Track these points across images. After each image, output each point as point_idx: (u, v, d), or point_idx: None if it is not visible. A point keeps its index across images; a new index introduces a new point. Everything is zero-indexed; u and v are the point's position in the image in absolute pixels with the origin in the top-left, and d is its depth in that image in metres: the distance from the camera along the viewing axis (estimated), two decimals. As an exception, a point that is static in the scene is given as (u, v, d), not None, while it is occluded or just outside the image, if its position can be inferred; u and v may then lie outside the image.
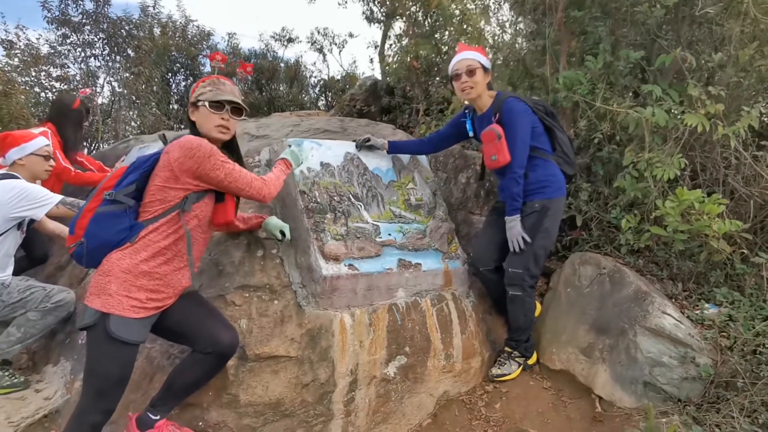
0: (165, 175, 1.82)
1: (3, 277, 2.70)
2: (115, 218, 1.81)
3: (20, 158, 2.78)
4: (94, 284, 1.79)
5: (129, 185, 1.84)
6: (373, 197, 2.75)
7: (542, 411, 2.43)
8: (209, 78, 1.99)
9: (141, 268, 1.80)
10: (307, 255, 2.39)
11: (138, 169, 1.87)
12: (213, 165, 1.83)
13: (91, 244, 1.82)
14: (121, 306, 1.76)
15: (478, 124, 2.77)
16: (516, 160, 2.52)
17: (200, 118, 1.96)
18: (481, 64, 2.63)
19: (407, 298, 2.60)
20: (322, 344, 2.25)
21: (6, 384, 2.65)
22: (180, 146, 1.80)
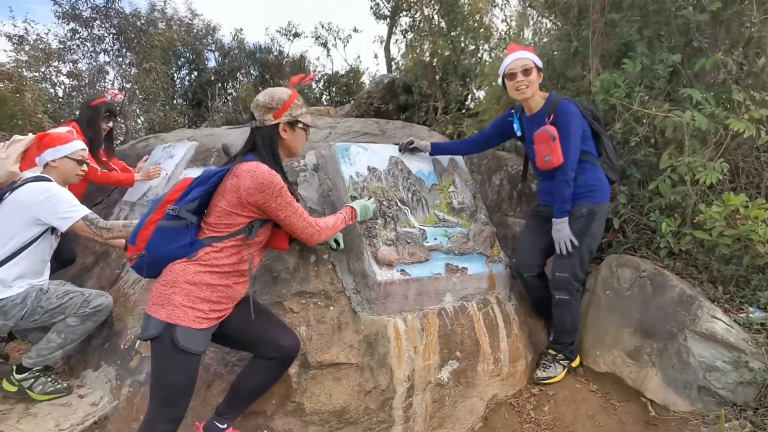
0: (232, 201, 1.82)
1: (40, 282, 2.66)
2: (177, 233, 1.82)
3: (53, 160, 2.72)
4: (157, 294, 1.79)
5: (192, 201, 1.84)
6: (417, 201, 2.74)
7: (592, 414, 2.45)
8: (297, 95, 2.00)
9: (204, 280, 1.81)
10: (360, 261, 2.39)
11: (202, 185, 1.86)
12: (278, 204, 1.84)
13: (151, 257, 1.83)
14: (186, 317, 1.76)
15: (527, 124, 2.76)
16: (569, 163, 2.53)
17: (294, 138, 2.00)
18: (535, 64, 2.63)
19: (454, 303, 2.61)
20: (380, 350, 2.25)
21: (50, 390, 2.62)
22: (252, 177, 1.80)
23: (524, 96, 2.67)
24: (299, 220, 1.92)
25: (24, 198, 2.54)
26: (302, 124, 1.99)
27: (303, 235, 1.97)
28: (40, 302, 2.56)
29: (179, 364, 1.78)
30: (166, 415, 1.81)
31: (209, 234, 1.85)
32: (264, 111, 1.94)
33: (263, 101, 1.94)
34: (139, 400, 2.42)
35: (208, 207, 1.88)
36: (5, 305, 2.49)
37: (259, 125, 1.96)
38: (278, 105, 1.94)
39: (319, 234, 2.00)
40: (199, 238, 1.84)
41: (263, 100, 1.95)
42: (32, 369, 2.62)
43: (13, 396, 2.62)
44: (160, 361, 1.80)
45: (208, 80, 9.07)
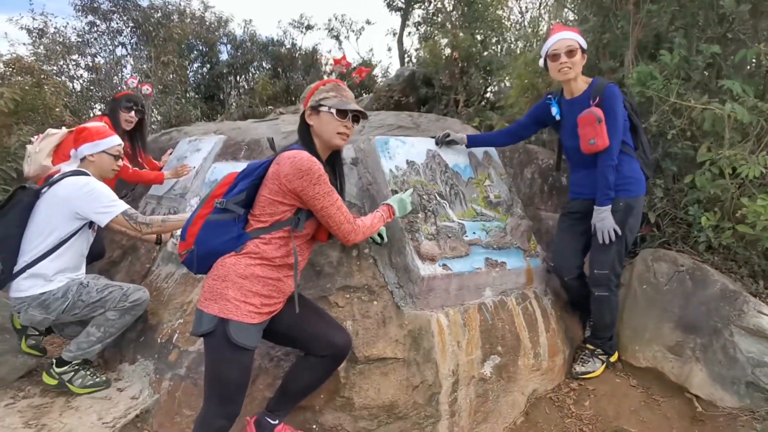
0: (274, 188, 1.79)
1: (79, 276, 2.67)
2: (225, 227, 1.82)
3: (91, 155, 2.71)
4: (209, 289, 1.78)
5: (239, 194, 1.83)
6: (455, 195, 2.72)
7: (635, 409, 2.44)
8: (329, 82, 1.94)
9: (255, 273, 1.79)
10: (402, 255, 2.38)
11: (248, 177, 1.85)
12: (316, 193, 1.78)
13: (200, 251, 1.83)
14: (238, 311, 1.74)
15: (567, 108, 2.70)
16: (614, 147, 2.48)
17: (321, 123, 1.89)
18: (580, 45, 2.56)
19: (494, 297, 2.60)
20: (425, 345, 2.24)
21: (89, 383, 2.63)
22: (292, 163, 1.76)
23: (567, 77, 2.62)
24: (337, 213, 1.84)
25: (63, 193, 2.53)
26: (326, 108, 1.87)
27: (340, 231, 1.88)
28: (80, 296, 2.57)
29: (233, 360, 1.76)
30: (222, 412, 1.80)
31: (256, 226, 1.82)
32: (301, 102, 1.96)
33: (305, 93, 1.96)
34: (181, 394, 2.43)
35: (255, 200, 1.86)
36: (47, 299, 2.50)
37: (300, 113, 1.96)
38: (306, 93, 1.94)
39: (356, 232, 1.91)
40: (246, 230, 1.83)
41: (305, 92, 1.96)
42: (72, 362, 2.63)
43: (53, 389, 2.63)
44: (215, 357, 1.78)
45: (220, 73, 9.04)
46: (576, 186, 2.84)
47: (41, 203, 2.56)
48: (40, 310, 2.51)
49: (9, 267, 2.49)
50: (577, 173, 2.81)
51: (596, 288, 2.64)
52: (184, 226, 1.88)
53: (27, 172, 3.32)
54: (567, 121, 2.69)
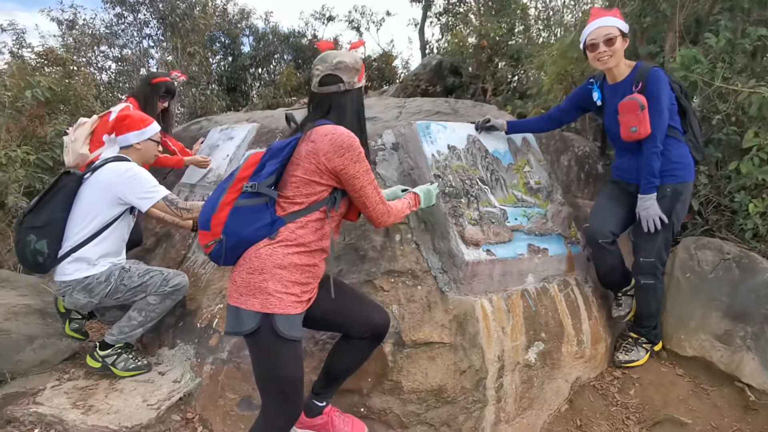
0: (310, 168, 1.65)
1: (120, 261, 2.69)
2: (257, 212, 1.65)
3: (138, 143, 2.73)
4: (244, 284, 1.64)
5: (270, 175, 1.65)
6: (496, 181, 2.69)
7: (683, 398, 2.39)
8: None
9: (293, 262, 1.66)
10: (446, 240, 2.35)
11: (277, 157, 1.68)
12: (356, 171, 1.67)
13: (231, 242, 1.65)
14: (282, 304, 1.62)
15: (610, 93, 2.63)
16: (659, 134, 2.41)
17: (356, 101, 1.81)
18: (620, 31, 2.47)
19: (536, 284, 2.56)
20: (470, 330, 2.22)
21: (131, 366, 2.66)
22: (331, 141, 1.63)
23: (607, 66, 2.56)
24: (374, 193, 1.74)
25: (106, 178, 2.55)
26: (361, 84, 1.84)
27: (374, 212, 1.77)
28: (122, 280, 2.59)
29: (287, 355, 1.66)
30: (285, 410, 1.72)
31: (290, 209, 1.67)
32: (353, 73, 1.77)
33: (351, 62, 1.76)
34: (224, 378, 2.44)
35: (282, 180, 1.69)
36: (90, 283, 2.53)
37: (349, 88, 1.77)
38: (359, 67, 1.80)
39: (388, 215, 1.81)
40: (279, 215, 1.67)
41: (350, 61, 1.76)
42: (114, 346, 2.66)
43: (96, 372, 2.67)
44: (266, 355, 1.67)
45: (243, 65, 9.06)
46: (619, 170, 2.78)
47: (84, 188, 2.59)
48: (84, 293, 2.54)
49: (54, 251, 2.52)
50: (622, 158, 2.75)
51: (642, 276, 2.58)
52: (205, 214, 1.69)
53: (67, 162, 3.36)
54: (609, 107, 2.63)
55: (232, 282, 1.69)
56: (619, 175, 2.77)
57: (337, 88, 1.76)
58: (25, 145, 4.12)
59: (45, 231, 2.51)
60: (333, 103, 1.77)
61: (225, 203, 1.65)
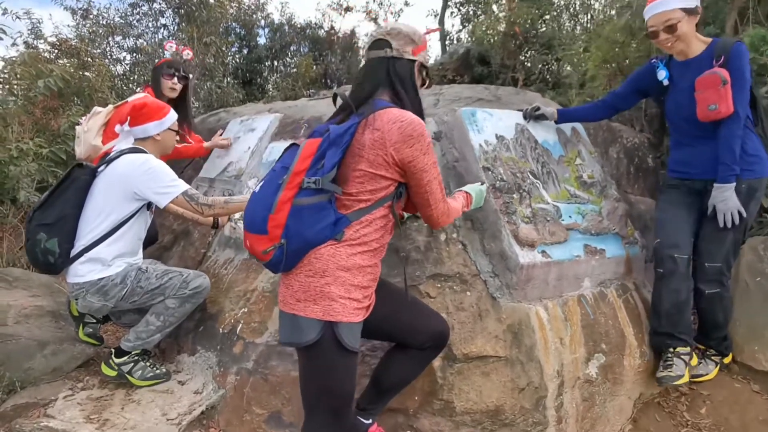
0: (376, 161, 1.44)
1: (137, 261, 2.49)
2: (320, 211, 1.44)
3: (158, 133, 2.52)
4: (302, 288, 1.44)
5: (332, 168, 1.42)
6: (548, 174, 2.44)
7: (764, 419, 2.13)
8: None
9: (357, 263, 1.47)
10: (498, 240, 2.11)
11: (336, 146, 1.44)
12: (425, 164, 1.48)
13: (293, 245, 1.44)
14: (345, 311, 1.44)
15: (680, 71, 2.32)
16: (743, 113, 2.13)
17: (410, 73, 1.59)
18: (683, 11, 2.17)
19: (593, 289, 2.31)
20: (526, 342, 1.98)
21: (149, 375, 2.46)
22: (401, 129, 1.42)
23: (674, 51, 2.29)
24: (438, 189, 1.55)
25: (121, 171, 2.34)
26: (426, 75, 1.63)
27: (436, 211, 1.58)
28: (139, 282, 2.39)
29: (345, 367, 1.48)
30: (334, 426, 1.53)
31: (355, 207, 1.48)
32: (406, 41, 1.56)
33: (406, 31, 1.57)
34: (250, 390, 2.23)
35: (341, 174, 1.49)
36: (105, 285, 2.33)
37: (398, 56, 1.55)
38: (419, 41, 1.58)
39: (448, 214, 1.63)
40: (342, 213, 1.47)
41: (406, 30, 1.57)
42: (131, 353, 2.46)
43: (112, 380, 2.48)
44: (323, 367, 1.48)
45: (258, 57, 8.85)
46: (680, 164, 2.44)
47: (98, 182, 2.38)
48: (99, 296, 2.34)
49: (65, 250, 2.33)
50: (683, 150, 2.43)
51: (707, 285, 2.28)
52: (261, 216, 1.46)
53: (79, 154, 3.17)
54: (678, 87, 2.33)
55: (286, 286, 1.49)
56: (680, 172, 2.44)
57: (384, 53, 1.55)
58: (37, 137, 3.94)
59: (55, 228, 2.31)
60: (380, 71, 1.56)
61: (283, 201, 1.42)
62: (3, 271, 3.20)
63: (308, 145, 1.50)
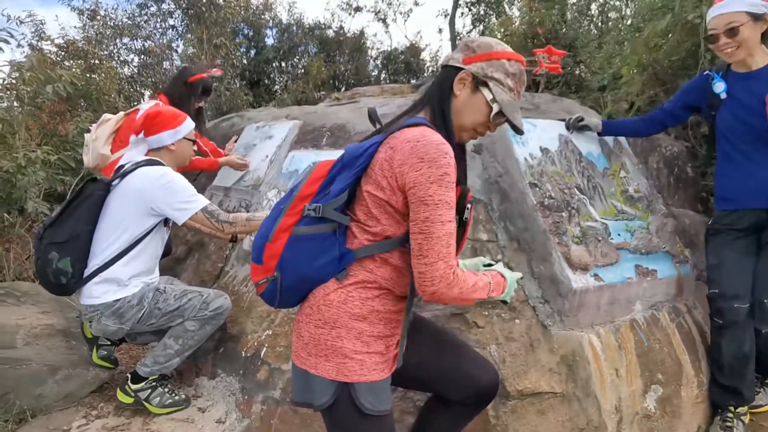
0: (381, 181, 1.19)
1: (153, 280, 2.34)
2: (321, 243, 1.23)
3: (173, 143, 2.37)
4: (313, 341, 1.23)
5: (340, 194, 1.22)
6: (594, 189, 2.28)
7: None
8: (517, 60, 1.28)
9: (375, 309, 1.24)
10: (547, 263, 1.95)
11: (349, 169, 1.24)
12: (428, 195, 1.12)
13: (288, 280, 1.25)
14: (363, 369, 1.21)
15: (739, 84, 2.13)
16: None
17: (470, 103, 1.28)
18: (749, 15, 1.99)
19: (644, 312, 2.16)
20: (581, 375, 1.82)
21: (168, 402, 2.32)
22: (413, 150, 1.14)
23: (733, 59, 2.12)
24: (440, 239, 1.13)
25: (137, 185, 2.19)
26: (492, 94, 1.25)
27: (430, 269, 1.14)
28: (157, 304, 2.24)
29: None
30: None
31: (363, 240, 1.24)
32: (460, 49, 1.31)
33: (469, 39, 1.32)
34: (278, 422, 2.08)
35: (356, 199, 1.26)
36: (121, 307, 2.18)
37: (445, 63, 1.33)
38: (478, 49, 1.27)
39: (449, 282, 1.15)
40: (350, 247, 1.24)
41: (469, 39, 1.33)
42: (148, 378, 2.31)
43: (128, 407, 2.33)
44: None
45: (266, 58, 8.69)
46: (731, 192, 2.17)
47: (113, 197, 2.23)
48: (114, 319, 2.19)
49: (79, 270, 2.18)
50: (735, 175, 2.16)
51: (765, 324, 2.07)
52: (260, 243, 1.29)
53: (86, 163, 3.03)
54: (736, 101, 2.15)
55: (297, 336, 1.28)
56: (732, 201, 2.17)
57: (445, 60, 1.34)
58: (45, 144, 3.79)
59: (68, 247, 2.16)
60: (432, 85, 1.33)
61: (281, 230, 1.25)
62: (11, 285, 3.04)
63: (320, 166, 1.33)
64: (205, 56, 5.57)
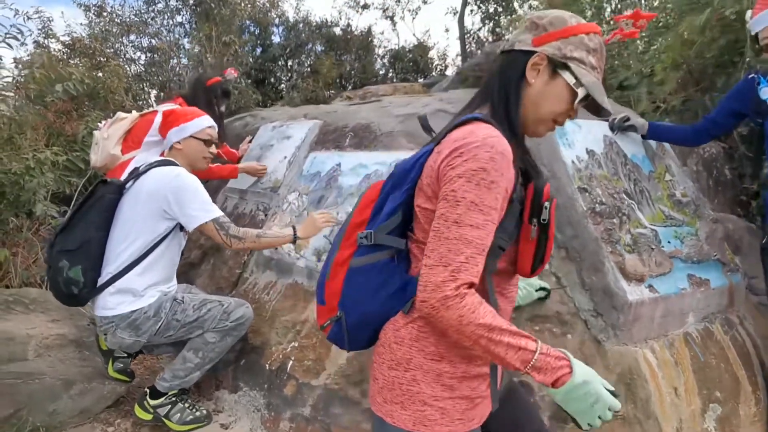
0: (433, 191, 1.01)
1: (171, 288, 2.21)
2: (380, 273, 1.08)
3: (179, 141, 2.22)
4: (387, 385, 1.06)
5: (391, 215, 1.07)
6: (641, 193, 2.15)
7: None
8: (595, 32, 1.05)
9: (454, 344, 1.03)
10: (600, 273, 1.82)
11: (401, 185, 1.08)
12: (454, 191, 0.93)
13: (352, 318, 1.11)
14: (446, 417, 1.02)
15: None
16: None
17: (547, 91, 1.05)
18: None
19: (697, 325, 2.03)
20: (641, 395, 1.69)
21: (189, 419, 2.19)
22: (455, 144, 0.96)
23: None
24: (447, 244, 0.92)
25: (150, 186, 2.05)
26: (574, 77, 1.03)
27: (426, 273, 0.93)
28: (175, 315, 2.11)
29: None
30: None
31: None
32: (525, 28, 1.08)
33: (535, 16, 1.09)
34: (309, 443, 1.95)
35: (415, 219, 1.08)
36: (137, 318, 2.05)
37: (507, 48, 1.09)
38: (550, 26, 1.04)
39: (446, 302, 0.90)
40: (413, 274, 1.07)
41: (536, 15, 1.09)
42: (168, 393, 2.18)
43: (146, 423, 2.20)
44: None
45: (273, 56, 8.56)
46: None
47: (126, 200, 2.10)
48: (130, 331, 2.06)
49: (91, 279, 2.04)
50: None
51: None
52: (319, 282, 1.18)
53: (94, 162, 2.90)
54: None
55: (373, 378, 1.12)
56: None
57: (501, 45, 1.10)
58: (52, 144, 3.66)
59: (79, 255, 2.02)
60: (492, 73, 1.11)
61: (338, 264, 1.12)
62: (19, 292, 2.92)
63: (371, 188, 1.17)
64: (213, 54, 5.43)
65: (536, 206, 1.02)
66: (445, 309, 0.90)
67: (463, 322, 0.90)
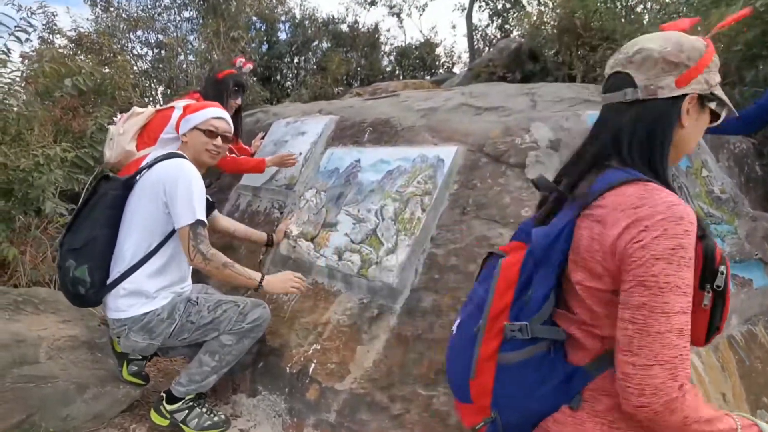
0: (595, 267, 0.91)
1: (185, 288, 2.11)
2: (538, 369, 0.97)
3: (184, 134, 2.12)
4: None
5: (545, 303, 0.95)
6: (679, 189, 2.05)
7: None
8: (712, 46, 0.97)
9: None
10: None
11: (546, 264, 0.96)
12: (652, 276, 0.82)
13: (509, 418, 1.00)
14: None
15: None
16: None
17: (696, 127, 0.99)
18: None
19: (740, 328, 1.94)
20: (690, 402, 1.60)
21: (207, 425, 2.10)
22: (634, 215, 0.85)
23: None
24: (659, 340, 0.81)
25: (155, 178, 1.95)
26: (717, 103, 0.98)
27: (640, 375, 0.82)
28: (189, 316, 2.02)
29: None
30: None
31: (595, 348, 0.95)
32: (660, 69, 0.94)
33: (661, 47, 0.95)
34: (336, 451, 1.86)
35: (565, 292, 0.99)
36: (150, 321, 1.96)
37: (644, 97, 0.95)
38: (690, 61, 0.94)
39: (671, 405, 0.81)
40: (576, 362, 0.96)
41: (660, 46, 0.95)
42: (185, 398, 2.10)
43: (163, 429, 2.11)
44: None
45: (279, 53, 8.48)
46: None
47: (133, 195, 2.01)
48: (143, 334, 1.98)
49: (99, 279, 1.96)
50: None
51: None
52: (460, 380, 1.04)
53: (108, 158, 2.80)
54: None
55: None
56: None
57: (621, 95, 0.97)
58: (60, 141, 3.58)
59: (84, 253, 1.94)
60: (614, 125, 0.99)
61: (483, 360, 0.99)
62: (28, 292, 2.84)
63: (505, 269, 1.02)
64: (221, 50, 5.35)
65: (708, 270, 0.91)
66: (670, 413, 0.81)
67: (687, 422, 0.82)
